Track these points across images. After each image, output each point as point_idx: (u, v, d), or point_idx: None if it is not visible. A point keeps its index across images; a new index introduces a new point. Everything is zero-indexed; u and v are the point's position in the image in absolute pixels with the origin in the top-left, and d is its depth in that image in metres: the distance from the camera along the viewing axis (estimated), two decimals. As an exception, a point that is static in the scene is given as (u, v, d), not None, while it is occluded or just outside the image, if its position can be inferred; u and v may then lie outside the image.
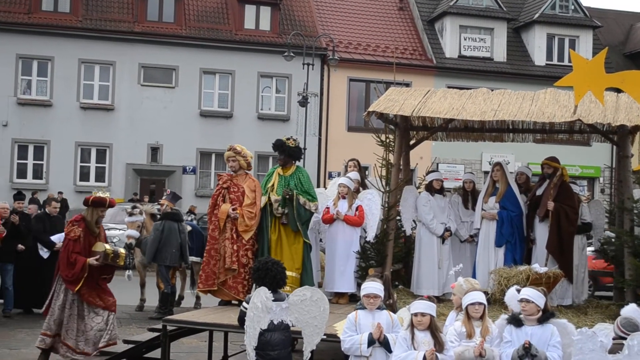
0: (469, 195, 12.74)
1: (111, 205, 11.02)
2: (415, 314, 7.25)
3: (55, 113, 35.45)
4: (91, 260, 10.55)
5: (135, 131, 35.91)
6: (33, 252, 15.30)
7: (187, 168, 36.76)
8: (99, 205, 10.81)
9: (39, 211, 18.18)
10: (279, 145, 11.41)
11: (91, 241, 10.76)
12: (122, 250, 11.15)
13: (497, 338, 7.44)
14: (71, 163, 35.60)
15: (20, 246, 15.19)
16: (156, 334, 10.49)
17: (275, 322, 7.30)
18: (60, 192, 33.49)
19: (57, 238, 14.77)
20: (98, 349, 10.67)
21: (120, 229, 24.60)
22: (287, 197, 11.06)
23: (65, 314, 10.60)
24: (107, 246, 10.80)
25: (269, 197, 11.14)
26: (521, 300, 7.47)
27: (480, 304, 7.50)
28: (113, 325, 10.82)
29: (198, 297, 16.31)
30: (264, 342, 7.24)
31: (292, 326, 7.38)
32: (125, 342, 11.04)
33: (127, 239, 16.40)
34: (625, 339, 6.90)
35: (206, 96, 37.41)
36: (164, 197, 17.59)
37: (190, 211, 31.04)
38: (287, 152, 11.39)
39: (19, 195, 16.37)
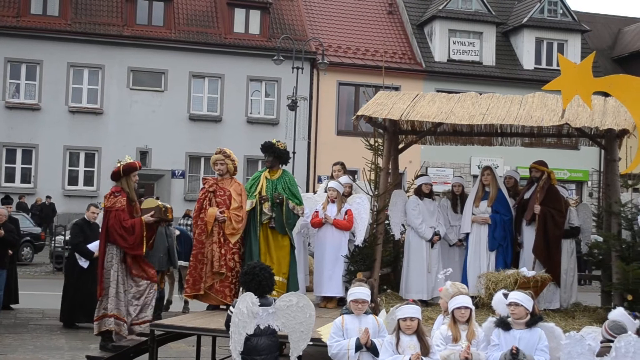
0: (457, 199, 12.74)
1: (140, 168, 11.13)
2: (404, 319, 7.23)
3: (44, 117, 35.34)
4: (146, 218, 10.74)
5: (124, 135, 35.81)
6: (73, 262, 14.96)
7: (176, 172, 36.69)
8: (131, 170, 10.94)
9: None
10: (268, 146, 11.40)
11: (131, 211, 10.86)
12: (169, 205, 11.27)
13: (483, 341, 7.45)
14: (59, 167, 35.49)
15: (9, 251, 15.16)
16: (144, 338, 10.47)
17: (262, 327, 7.28)
18: (48, 197, 33.41)
19: (95, 246, 14.43)
20: (135, 322, 10.89)
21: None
22: (278, 201, 11.07)
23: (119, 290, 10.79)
24: (159, 202, 11.03)
25: (257, 202, 11.12)
26: (510, 304, 7.47)
27: (466, 308, 7.50)
28: (152, 299, 11.12)
29: (186, 302, 16.25)
30: (251, 347, 7.22)
31: (279, 331, 7.37)
32: (113, 347, 10.99)
33: None
34: (612, 342, 6.91)
35: (195, 100, 37.36)
36: None
37: (187, 215, 30.94)
38: (276, 154, 11.39)
39: (6, 200, 16.36)
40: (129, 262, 10.87)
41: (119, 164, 10.99)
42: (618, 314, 7.69)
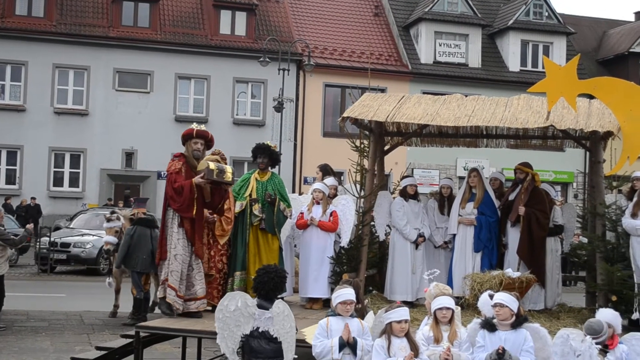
0: (445, 201, 12.75)
1: (200, 135, 10.44)
2: (399, 321, 7.24)
3: (29, 118, 35.21)
4: (197, 179, 10.10)
5: (109, 136, 35.75)
6: None
7: (162, 173, 36.50)
8: (188, 136, 10.46)
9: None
10: (265, 147, 11.39)
11: (191, 177, 10.27)
12: (229, 167, 10.46)
13: (465, 342, 7.46)
14: (45, 168, 35.37)
15: None
16: (129, 340, 10.42)
17: (260, 330, 7.32)
18: (33, 198, 33.26)
19: None
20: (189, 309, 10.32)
21: (94, 235, 24.49)
22: (269, 200, 11.07)
23: (183, 265, 10.20)
24: (211, 163, 10.27)
25: (247, 204, 11.10)
26: (495, 305, 7.48)
27: (447, 308, 7.51)
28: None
29: (172, 303, 16.19)
30: (248, 348, 7.29)
31: (274, 337, 7.37)
32: (98, 348, 10.96)
33: (105, 245, 16.31)
34: None
35: (181, 101, 37.31)
36: (132, 208, 17.15)
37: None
38: (272, 156, 11.41)
39: (-8, 201, 16.27)
40: (187, 230, 10.22)
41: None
42: (607, 314, 7.78)
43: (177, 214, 10.27)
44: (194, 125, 10.60)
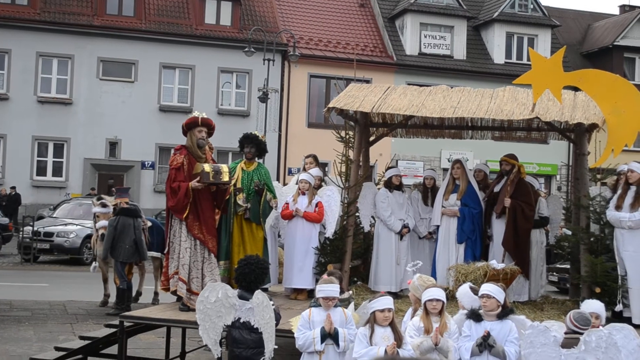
0: (428, 192, 12.76)
1: (205, 123, 10.38)
2: (382, 310, 7.24)
3: (12, 106, 35.00)
4: (193, 184, 10.01)
5: (93, 126, 35.61)
6: None
7: (146, 163, 36.51)
8: (193, 125, 10.35)
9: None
10: (253, 137, 11.36)
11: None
12: (225, 167, 10.22)
13: (454, 333, 7.47)
14: (28, 157, 35.19)
15: None
16: (113, 330, 10.42)
17: (242, 321, 7.31)
18: (12, 187, 33.04)
19: None
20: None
21: (77, 224, 24.42)
22: (257, 189, 11.04)
23: (191, 259, 10.00)
24: (206, 165, 10.10)
25: (232, 194, 11.06)
26: (482, 296, 7.51)
27: (438, 300, 7.51)
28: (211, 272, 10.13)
29: (156, 293, 16.21)
30: (231, 338, 7.30)
31: (255, 327, 7.36)
32: (82, 338, 10.94)
33: (103, 229, 15.95)
34: (578, 333, 6.93)
35: (166, 91, 37.19)
36: (114, 198, 16.94)
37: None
38: (260, 146, 11.38)
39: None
40: (189, 222, 10.08)
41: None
42: (594, 305, 7.78)
43: None
44: (197, 113, 10.51)
